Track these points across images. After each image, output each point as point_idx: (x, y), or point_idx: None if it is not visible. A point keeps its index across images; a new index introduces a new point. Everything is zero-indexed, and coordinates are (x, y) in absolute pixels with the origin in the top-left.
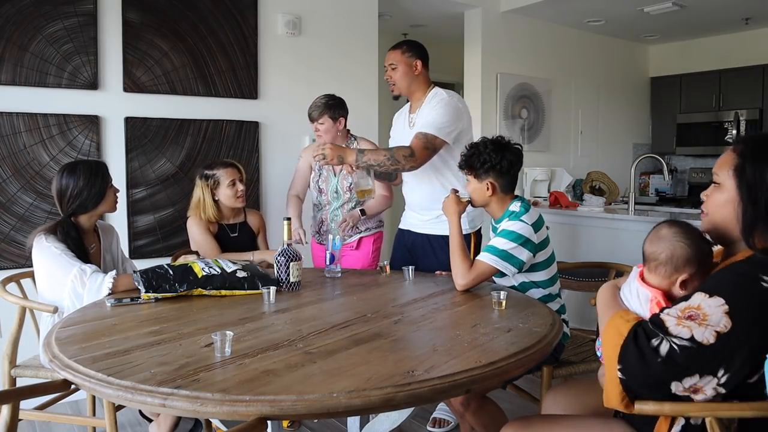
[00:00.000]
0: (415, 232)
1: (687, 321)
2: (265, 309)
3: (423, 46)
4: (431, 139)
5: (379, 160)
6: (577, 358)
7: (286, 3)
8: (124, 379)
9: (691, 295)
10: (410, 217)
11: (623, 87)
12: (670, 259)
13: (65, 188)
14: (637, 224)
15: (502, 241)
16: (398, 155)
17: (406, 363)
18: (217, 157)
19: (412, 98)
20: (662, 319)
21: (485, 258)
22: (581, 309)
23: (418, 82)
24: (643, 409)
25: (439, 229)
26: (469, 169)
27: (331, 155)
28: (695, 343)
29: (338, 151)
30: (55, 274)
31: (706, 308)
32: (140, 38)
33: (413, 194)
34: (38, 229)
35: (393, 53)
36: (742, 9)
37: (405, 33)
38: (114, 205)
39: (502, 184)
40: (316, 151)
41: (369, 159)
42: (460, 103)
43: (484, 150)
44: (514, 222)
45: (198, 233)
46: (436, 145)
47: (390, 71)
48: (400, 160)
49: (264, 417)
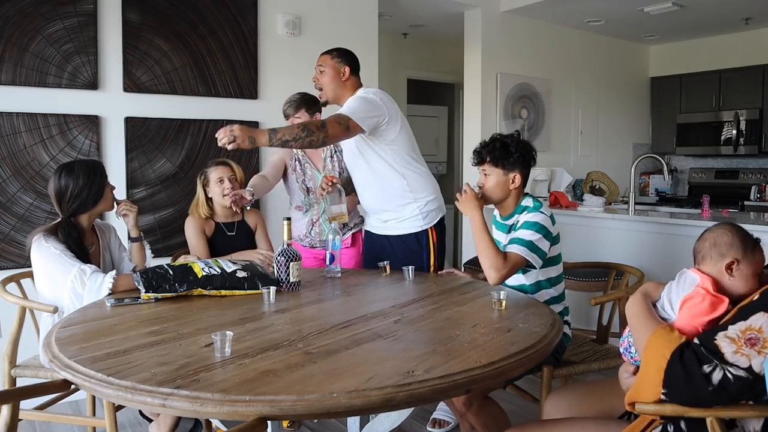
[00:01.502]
0: (376, 234)
1: (746, 348)
2: (265, 309)
3: (355, 56)
4: (344, 118)
5: (293, 134)
6: (577, 359)
7: (286, 3)
8: (124, 379)
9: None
10: (371, 219)
11: (623, 87)
12: (713, 245)
13: (65, 188)
14: (637, 224)
15: (527, 232)
16: (311, 126)
17: (406, 363)
18: (217, 157)
19: (340, 105)
20: (717, 344)
21: (516, 249)
22: (581, 309)
23: (345, 89)
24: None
25: (397, 229)
26: (496, 162)
27: (241, 137)
28: (752, 374)
29: (248, 132)
30: (54, 275)
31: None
32: (140, 38)
33: (366, 201)
34: (37, 230)
35: (323, 57)
36: (742, 9)
37: (405, 33)
38: (112, 204)
39: (525, 176)
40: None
41: (283, 135)
42: (377, 96)
43: (512, 142)
44: (535, 213)
45: (191, 234)
46: (349, 125)
47: (318, 74)
48: (313, 131)
49: (264, 417)
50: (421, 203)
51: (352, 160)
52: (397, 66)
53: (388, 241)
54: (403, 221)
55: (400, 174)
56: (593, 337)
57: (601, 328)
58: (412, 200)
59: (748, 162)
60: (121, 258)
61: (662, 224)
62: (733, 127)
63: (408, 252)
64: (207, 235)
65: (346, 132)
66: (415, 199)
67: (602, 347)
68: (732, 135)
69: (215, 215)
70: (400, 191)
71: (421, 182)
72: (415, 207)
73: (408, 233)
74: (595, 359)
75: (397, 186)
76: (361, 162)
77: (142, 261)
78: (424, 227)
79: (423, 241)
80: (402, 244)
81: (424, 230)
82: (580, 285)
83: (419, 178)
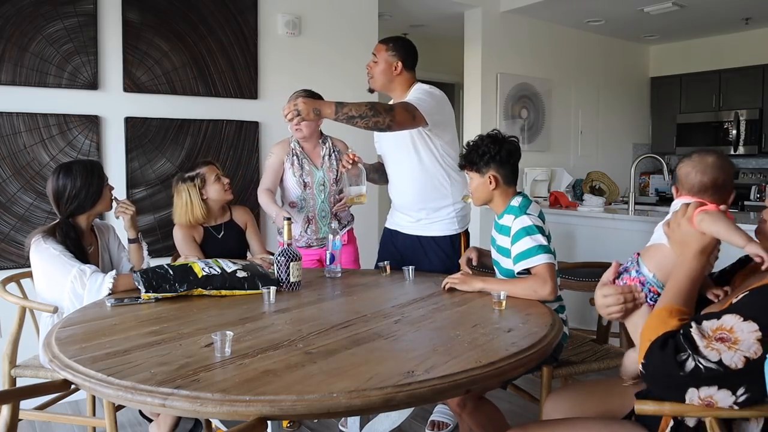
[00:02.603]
0: (404, 233)
1: (716, 343)
2: (265, 309)
3: (413, 48)
4: (411, 107)
5: (360, 111)
6: (577, 358)
7: (286, 3)
8: (124, 379)
9: (724, 313)
10: (398, 217)
11: (623, 87)
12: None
13: (62, 189)
14: (637, 224)
15: (528, 240)
16: (379, 106)
17: (406, 363)
18: (217, 157)
19: (392, 96)
20: (693, 336)
21: (540, 260)
22: (581, 309)
23: (396, 83)
24: (643, 409)
25: (431, 230)
26: (470, 165)
27: (306, 109)
28: (722, 366)
29: (313, 104)
30: (54, 276)
31: (739, 332)
32: (140, 38)
33: (402, 196)
34: (35, 231)
35: (379, 46)
36: (742, 9)
37: (405, 33)
38: (110, 204)
39: (504, 174)
40: (288, 109)
41: (350, 110)
42: (442, 96)
43: (482, 143)
44: (522, 218)
45: (181, 243)
46: (415, 116)
47: (371, 63)
48: (381, 112)
49: (264, 417)
50: (458, 207)
51: (400, 152)
52: None
53: (419, 241)
54: (436, 222)
55: (447, 174)
56: (593, 337)
57: (601, 328)
58: (450, 203)
59: (748, 162)
60: (120, 258)
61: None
62: (733, 127)
63: (441, 254)
64: (197, 242)
65: (412, 121)
66: (453, 202)
67: (602, 347)
68: (732, 135)
69: (210, 214)
70: (441, 191)
71: (459, 187)
72: (451, 210)
73: (442, 235)
74: (595, 359)
75: (441, 186)
76: (413, 155)
77: (139, 262)
78: (458, 231)
79: (456, 245)
80: (435, 245)
81: (458, 234)
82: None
83: (459, 184)
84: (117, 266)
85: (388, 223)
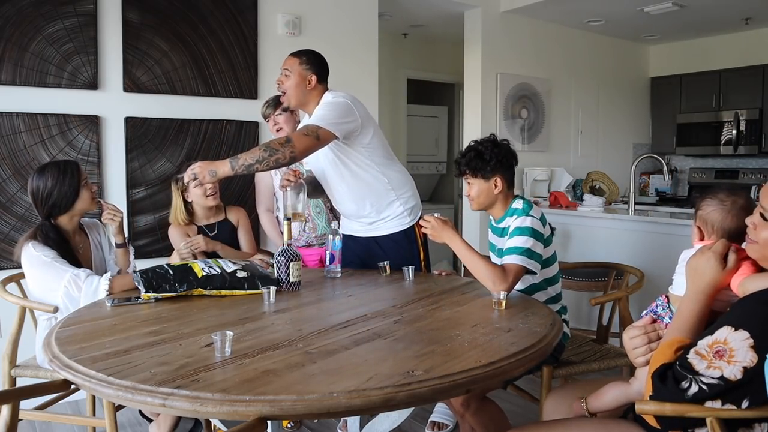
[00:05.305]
0: (359, 237)
1: (717, 360)
2: (265, 309)
3: (325, 61)
4: (312, 129)
5: (256, 157)
6: (577, 359)
7: (286, 3)
8: (124, 379)
9: (716, 327)
10: (350, 224)
11: (623, 87)
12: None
13: (36, 190)
14: (637, 224)
15: (520, 239)
16: (273, 144)
17: (406, 363)
18: (217, 157)
19: (306, 111)
20: (690, 362)
21: (514, 260)
22: (581, 309)
23: (310, 97)
24: (644, 409)
25: (384, 229)
26: (474, 172)
27: (201, 172)
28: (724, 381)
29: (208, 166)
30: (47, 282)
31: (732, 342)
32: (140, 38)
33: (347, 207)
34: (21, 238)
35: (290, 59)
36: (742, 9)
37: (405, 33)
38: (92, 203)
39: (507, 178)
40: (186, 176)
41: (245, 160)
42: (347, 99)
43: (485, 150)
44: (524, 218)
45: (175, 240)
46: (319, 135)
47: (282, 77)
48: (277, 149)
49: (264, 417)
50: (404, 200)
51: (328, 169)
52: (397, 66)
53: (375, 242)
54: (389, 220)
55: (381, 173)
56: (593, 337)
57: (601, 329)
58: (395, 198)
59: (748, 162)
60: (109, 257)
61: (662, 224)
62: (733, 127)
63: (399, 249)
64: None
65: (317, 142)
66: (398, 196)
67: (602, 347)
68: (732, 135)
69: (196, 218)
70: (382, 191)
71: (401, 180)
72: (399, 204)
73: (396, 231)
74: (595, 359)
75: (379, 186)
76: (341, 168)
77: (126, 267)
78: (410, 223)
79: (411, 237)
80: (392, 242)
81: (411, 226)
82: (580, 285)
83: (399, 176)
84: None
85: (343, 230)
